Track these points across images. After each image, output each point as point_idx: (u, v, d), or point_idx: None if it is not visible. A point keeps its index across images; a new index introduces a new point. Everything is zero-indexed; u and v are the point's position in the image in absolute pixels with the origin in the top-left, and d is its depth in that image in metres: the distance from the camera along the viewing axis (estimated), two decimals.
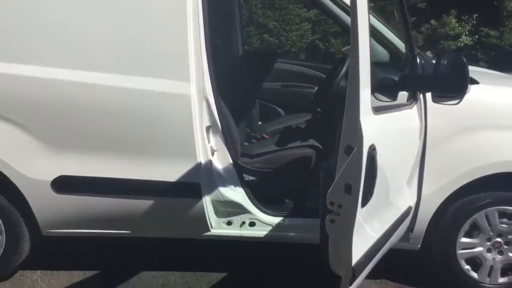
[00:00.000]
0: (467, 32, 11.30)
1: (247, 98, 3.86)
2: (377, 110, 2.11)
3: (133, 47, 2.75)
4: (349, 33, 1.95)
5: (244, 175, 3.06)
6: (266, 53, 8.24)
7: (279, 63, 4.47)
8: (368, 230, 2.14)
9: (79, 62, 2.76)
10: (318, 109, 3.66)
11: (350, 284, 2.01)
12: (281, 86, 4.41)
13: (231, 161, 2.97)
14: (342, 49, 5.07)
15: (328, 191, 1.96)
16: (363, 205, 1.96)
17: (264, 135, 3.80)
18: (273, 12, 10.87)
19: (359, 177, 1.88)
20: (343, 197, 1.93)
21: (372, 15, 2.76)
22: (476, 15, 11.20)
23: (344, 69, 3.21)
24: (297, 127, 3.75)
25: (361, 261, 2.07)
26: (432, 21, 10.98)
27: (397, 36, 2.98)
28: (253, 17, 9.80)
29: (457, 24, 11.18)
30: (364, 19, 1.92)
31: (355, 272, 2.01)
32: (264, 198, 3.07)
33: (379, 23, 2.99)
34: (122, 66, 2.76)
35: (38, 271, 3.23)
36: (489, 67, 6.64)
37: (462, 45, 11.33)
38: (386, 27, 3.00)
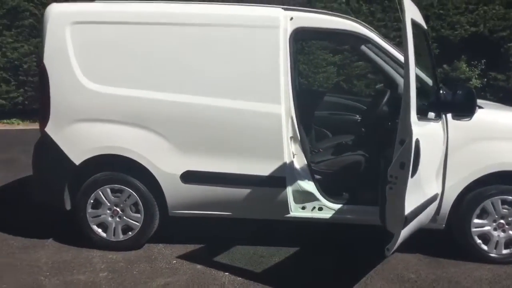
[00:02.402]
0: (476, 76, 12.24)
1: (306, 123, 5.06)
2: (419, 119, 3.30)
3: (242, 80, 4.01)
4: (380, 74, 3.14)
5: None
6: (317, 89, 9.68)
7: (328, 96, 5.71)
8: (413, 196, 3.28)
9: (204, 90, 4.01)
10: (362, 129, 4.87)
11: (403, 228, 3.14)
12: (329, 114, 5.61)
13: (305, 162, 4.15)
14: (376, 87, 6.39)
15: (389, 168, 3.13)
16: (412, 176, 3.12)
17: (320, 149, 4.97)
18: (302, 56, 12.06)
19: (410, 158, 3.05)
20: (399, 171, 3.10)
21: None
22: (485, 60, 12.18)
23: (385, 100, 4.43)
24: (346, 143, 4.94)
25: (410, 214, 3.21)
26: (445, 66, 12.05)
27: (427, 74, 4.17)
28: None
29: (467, 69, 12.15)
30: (412, 65, 3.12)
31: (407, 219, 3.15)
32: (328, 190, 4.21)
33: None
34: (234, 93, 4.00)
35: (160, 244, 4.36)
36: None
37: (473, 87, 12.32)
38: (420, 69, 4.21)
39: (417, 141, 3.14)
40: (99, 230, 4.22)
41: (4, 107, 10.67)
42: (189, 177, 4.07)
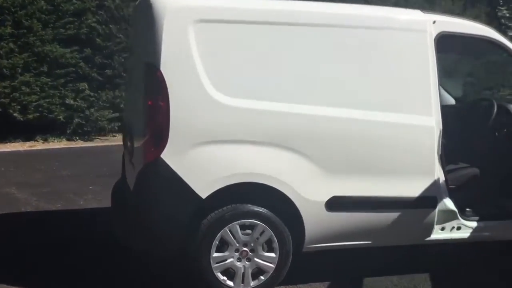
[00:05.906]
0: None
1: None
2: None
3: (392, 90, 3.52)
4: None
5: None
6: None
7: None
8: None
9: (353, 102, 3.43)
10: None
11: None
12: None
13: (444, 179, 3.77)
14: None
15: None
16: None
17: None
18: None
19: None
20: None
21: None
22: None
23: (495, 111, 4.25)
24: None
25: None
26: None
27: None
28: None
29: None
30: None
31: None
32: (459, 208, 3.87)
33: None
34: (383, 105, 3.49)
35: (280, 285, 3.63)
36: None
37: None
38: None
39: None
40: (224, 278, 3.37)
41: None
42: (335, 204, 3.43)
